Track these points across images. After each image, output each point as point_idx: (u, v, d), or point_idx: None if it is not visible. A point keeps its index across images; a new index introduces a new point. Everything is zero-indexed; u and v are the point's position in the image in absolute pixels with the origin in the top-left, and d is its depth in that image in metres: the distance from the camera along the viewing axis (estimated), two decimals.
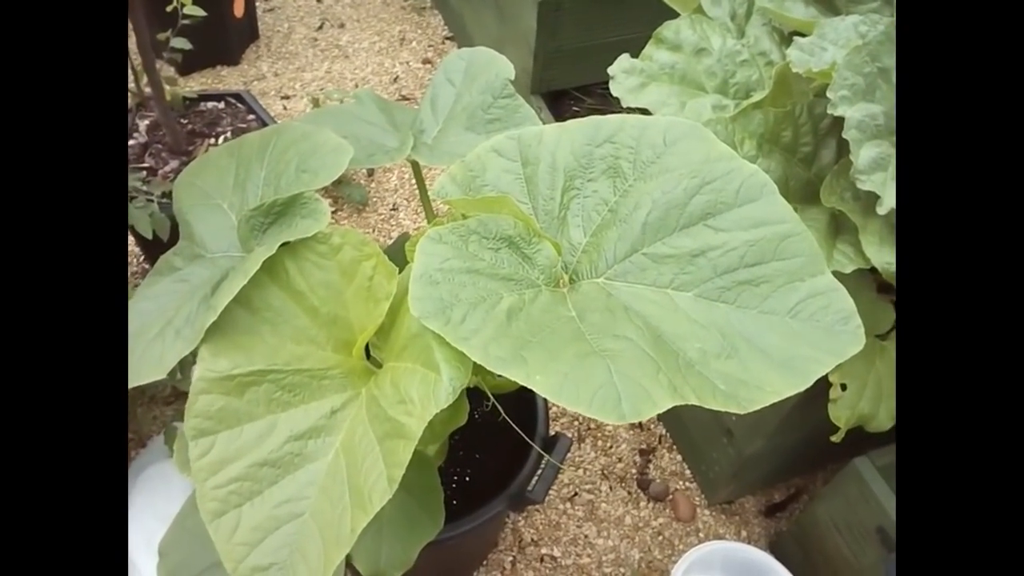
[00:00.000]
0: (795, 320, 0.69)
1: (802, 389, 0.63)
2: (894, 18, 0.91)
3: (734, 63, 0.97)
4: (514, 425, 0.94)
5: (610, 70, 0.96)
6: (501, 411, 0.88)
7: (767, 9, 0.97)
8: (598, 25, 1.69)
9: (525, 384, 0.56)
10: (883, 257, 0.77)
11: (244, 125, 1.64)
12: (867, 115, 0.78)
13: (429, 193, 0.85)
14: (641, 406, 0.56)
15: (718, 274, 0.72)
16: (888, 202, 0.75)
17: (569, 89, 1.83)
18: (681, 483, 1.42)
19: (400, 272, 0.75)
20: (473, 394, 0.92)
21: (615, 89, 0.95)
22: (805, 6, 1.01)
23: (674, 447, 1.47)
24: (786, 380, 0.65)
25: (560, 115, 1.80)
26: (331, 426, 0.69)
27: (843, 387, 1.01)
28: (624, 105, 0.94)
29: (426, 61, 2.26)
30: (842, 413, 1.00)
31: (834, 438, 1.01)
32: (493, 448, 1.15)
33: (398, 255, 0.83)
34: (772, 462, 1.32)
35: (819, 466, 1.47)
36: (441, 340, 0.60)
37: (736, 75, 0.96)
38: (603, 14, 1.68)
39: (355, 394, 0.72)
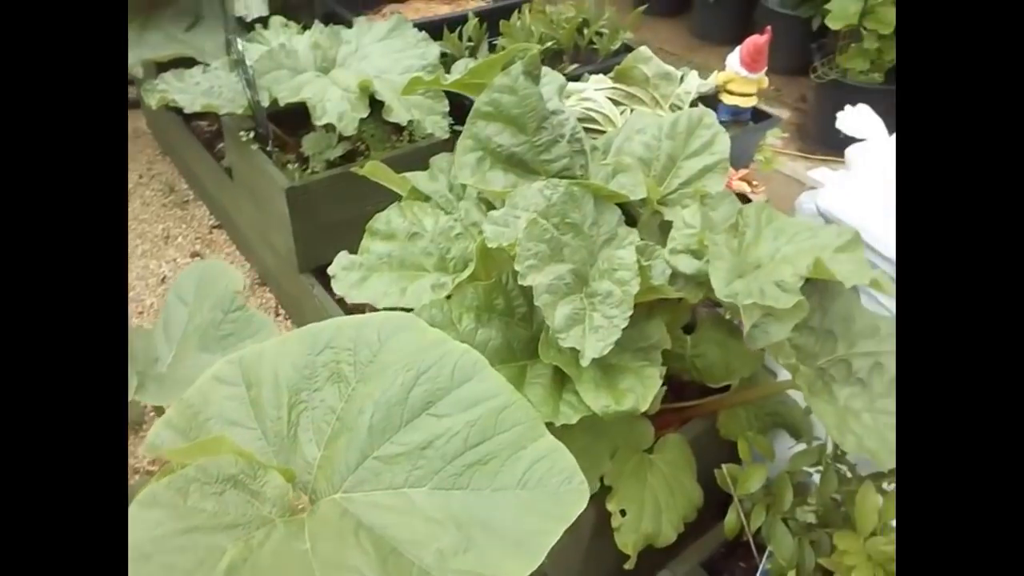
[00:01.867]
0: (525, 490, 0.72)
1: (536, 566, 0.65)
2: (571, 182, 1.02)
3: (448, 239, 1.04)
4: None
5: (330, 270, 1.00)
6: None
7: (469, 188, 1.06)
8: (350, 199, 1.76)
9: None
10: (600, 402, 0.83)
11: None
12: (555, 277, 0.86)
13: (141, 450, 0.80)
14: None
15: (448, 462, 0.73)
16: (589, 353, 0.82)
17: None
18: None
19: None
20: None
21: (337, 288, 0.98)
22: (504, 174, 1.12)
23: None
24: (520, 561, 0.66)
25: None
26: None
27: (623, 512, 1.06)
28: (349, 302, 0.96)
29: (195, 254, 2.22)
30: (628, 539, 1.03)
31: (627, 565, 1.03)
32: None
33: None
34: None
35: None
36: None
37: (451, 250, 1.03)
38: (351, 189, 1.75)
39: None
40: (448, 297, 0.93)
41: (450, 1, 2.31)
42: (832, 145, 2.44)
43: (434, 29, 1.93)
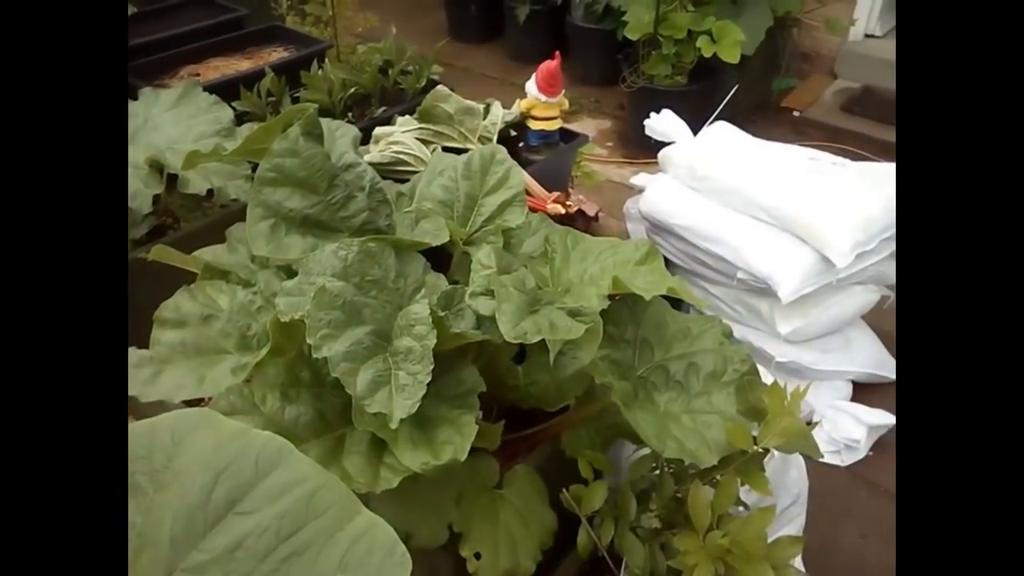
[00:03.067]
0: (346, 574, 0.69)
1: None
2: (367, 239, 1.01)
3: (249, 315, 1.00)
4: None
5: None
6: None
7: (267, 258, 1.02)
8: (166, 278, 1.66)
9: None
10: (419, 460, 0.82)
11: None
12: (353, 343, 0.84)
13: None
14: None
15: (261, 559, 0.69)
16: (397, 414, 0.80)
17: None
18: None
19: None
20: None
21: (130, 388, 0.91)
22: (302, 238, 1.09)
23: None
24: None
25: None
26: None
27: (477, 556, 1.05)
28: (143, 401, 0.90)
29: None
30: None
31: None
32: None
33: None
34: None
35: None
36: None
37: (252, 327, 0.98)
38: (166, 268, 1.65)
39: None
40: (248, 380, 0.88)
41: (250, 55, 2.24)
42: (652, 148, 2.59)
43: (232, 88, 1.87)
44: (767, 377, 1.17)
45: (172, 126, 1.55)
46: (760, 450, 0.95)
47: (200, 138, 1.52)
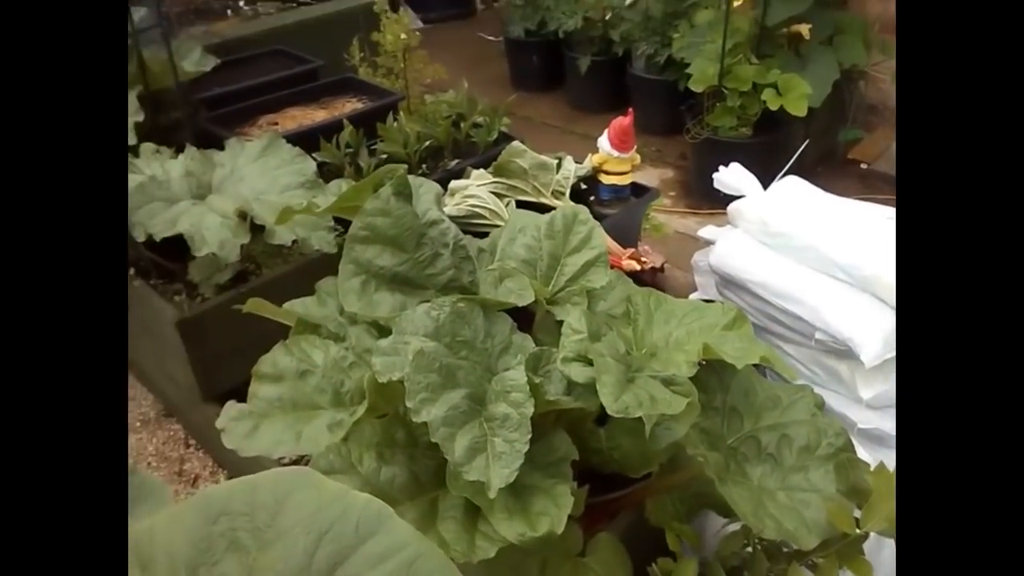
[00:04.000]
0: None
1: None
2: (458, 299, 1.01)
3: (341, 371, 1.01)
4: None
5: (218, 423, 0.94)
6: None
7: (357, 314, 1.03)
8: (247, 320, 1.69)
9: None
10: (515, 530, 0.80)
11: None
12: (450, 407, 0.83)
13: None
14: None
15: None
16: (496, 484, 0.79)
17: (243, 386, 1.77)
18: None
19: None
20: None
21: (228, 442, 0.92)
22: (391, 294, 1.10)
23: None
24: None
25: None
26: None
27: None
28: (242, 455, 0.91)
29: None
30: None
31: None
32: None
33: None
34: None
35: None
36: None
37: (346, 383, 0.99)
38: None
39: None
40: (346, 438, 0.89)
41: (325, 106, 2.32)
42: (716, 199, 2.56)
43: (312, 138, 1.93)
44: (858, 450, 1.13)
45: (258, 177, 1.61)
46: (863, 533, 0.91)
47: (285, 189, 1.56)
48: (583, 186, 1.87)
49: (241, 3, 3.24)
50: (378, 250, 1.10)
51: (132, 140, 1.85)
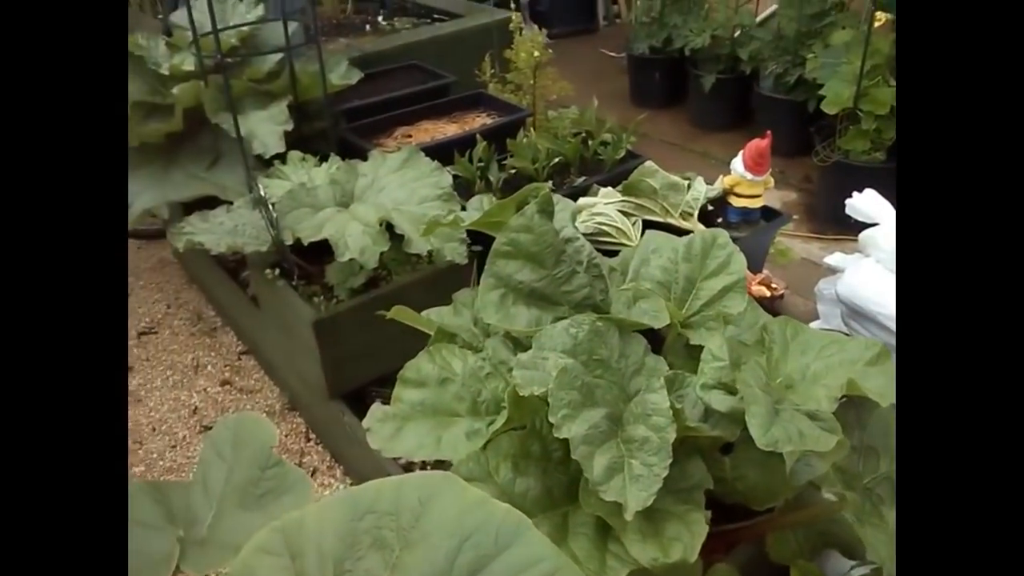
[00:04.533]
0: None
1: None
2: (595, 318, 1.04)
3: (478, 380, 1.05)
4: None
5: (364, 423, 1.00)
6: None
7: (494, 327, 1.08)
8: (375, 324, 1.78)
9: None
10: (648, 554, 0.82)
11: None
12: (591, 426, 0.86)
13: None
14: None
15: None
16: (633, 506, 0.81)
17: (367, 386, 1.87)
18: None
19: None
20: None
21: (373, 442, 0.98)
22: (527, 309, 1.14)
23: None
24: None
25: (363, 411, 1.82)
26: None
27: None
28: (385, 456, 0.97)
29: (224, 383, 2.24)
30: None
31: None
32: None
33: None
34: None
35: None
36: None
37: (482, 392, 1.03)
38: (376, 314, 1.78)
39: None
40: (484, 447, 0.93)
41: (456, 120, 2.41)
42: (843, 224, 2.46)
43: (444, 151, 2.01)
44: None
45: (398, 188, 1.70)
46: None
47: (423, 200, 1.64)
48: (710, 207, 1.85)
49: (379, 19, 3.41)
50: (519, 265, 1.14)
51: (280, 148, 2.00)
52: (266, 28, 2.32)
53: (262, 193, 1.63)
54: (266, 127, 2.01)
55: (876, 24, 2.73)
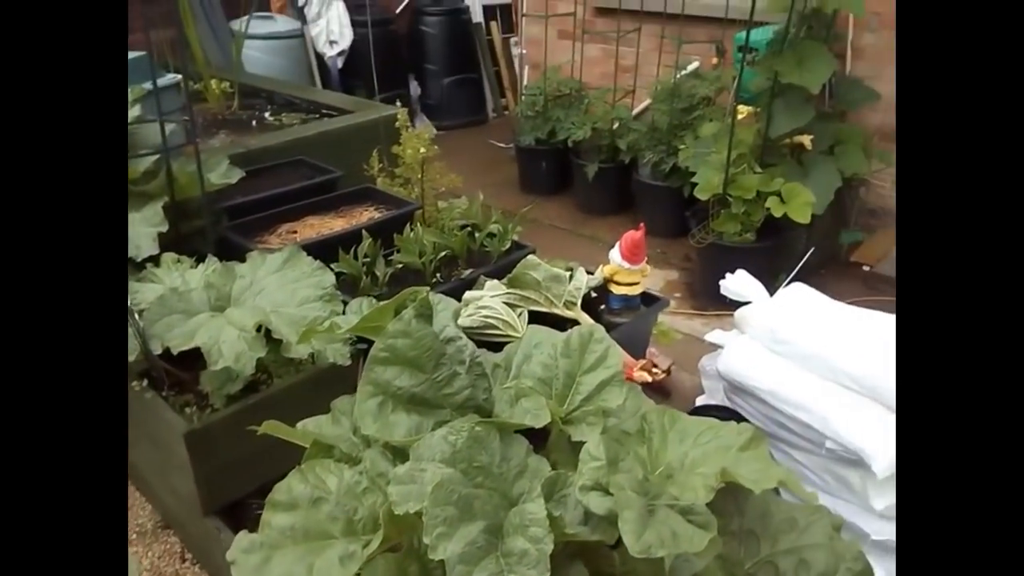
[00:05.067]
0: None
1: None
2: (475, 423, 1.03)
3: (354, 497, 1.00)
4: None
5: (228, 555, 0.93)
6: None
7: (372, 437, 1.04)
8: (254, 433, 1.70)
9: None
10: None
11: None
12: (467, 543, 0.83)
13: None
14: None
15: None
16: None
17: (246, 498, 1.75)
18: None
19: None
20: None
21: (238, 575, 0.91)
22: (407, 415, 1.11)
23: None
24: None
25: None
26: None
27: None
28: None
29: None
30: None
31: None
32: None
33: None
34: None
35: None
36: None
37: (359, 510, 0.99)
38: (255, 422, 1.69)
39: None
40: (358, 573, 0.87)
41: (343, 214, 2.40)
42: (722, 300, 2.60)
43: (331, 247, 1.98)
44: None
45: (277, 289, 1.65)
46: None
47: (304, 302, 1.60)
48: (594, 295, 1.90)
49: (267, 115, 3.41)
50: (397, 371, 1.12)
51: (154, 250, 1.92)
52: (143, 128, 2.26)
53: (128, 304, 1.54)
54: (139, 229, 1.92)
55: (739, 117, 2.98)
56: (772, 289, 2.19)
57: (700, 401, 2.35)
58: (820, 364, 1.86)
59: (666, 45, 3.54)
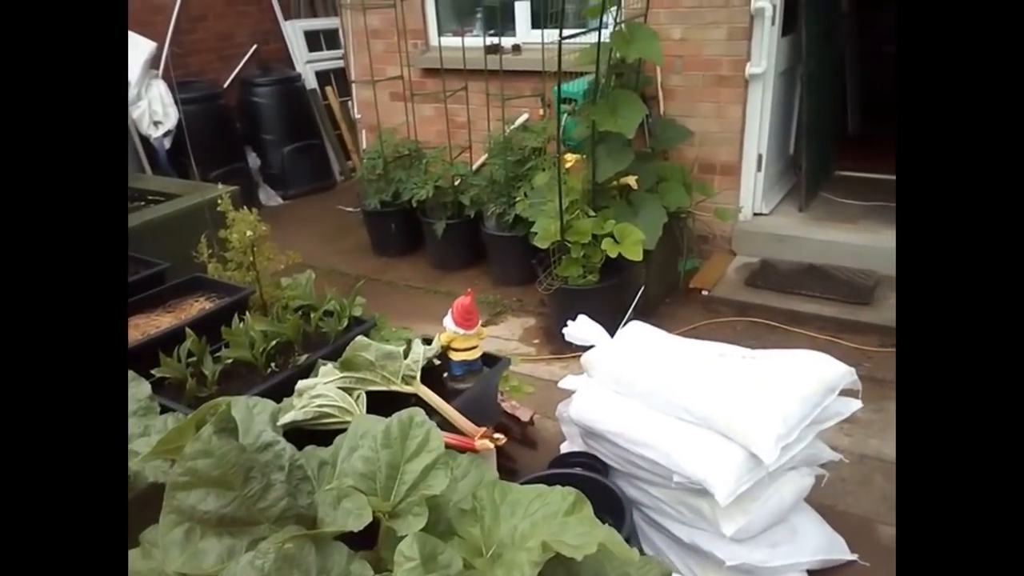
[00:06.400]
0: None
1: None
2: (285, 540, 0.98)
3: None
4: None
5: None
6: None
7: (178, 572, 0.97)
8: None
9: None
10: None
11: None
12: None
13: None
14: None
15: None
16: None
17: None
18: None
19: None
20: None
21: None
22: (218, 540, 1.05)
23: None
24: None
25: None
26: None
27: None
28: None
29: None
30: None
31: None
32: None
33: None
34: None
35: None
36: None
37: None
38: None
39: None
40: None
41: (172, 309, 2.27)
42: (576, 346, 2.68)
43: (157, 347, 1.86)
44: None
45: None
46: None
47: None
48: (437, 362, 1.90)
49: None
50: (202, 494, 1.05)
51: None
52: None
53: None
54: None
55: (569, 164, 3.11)
56: (618, 327, 2.28)
57: (564, 448, 2.39)
58: (659, 400, 1.94)
59: (494, 100, 3.67)
